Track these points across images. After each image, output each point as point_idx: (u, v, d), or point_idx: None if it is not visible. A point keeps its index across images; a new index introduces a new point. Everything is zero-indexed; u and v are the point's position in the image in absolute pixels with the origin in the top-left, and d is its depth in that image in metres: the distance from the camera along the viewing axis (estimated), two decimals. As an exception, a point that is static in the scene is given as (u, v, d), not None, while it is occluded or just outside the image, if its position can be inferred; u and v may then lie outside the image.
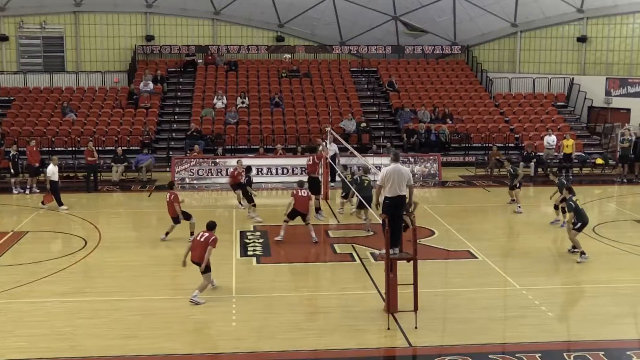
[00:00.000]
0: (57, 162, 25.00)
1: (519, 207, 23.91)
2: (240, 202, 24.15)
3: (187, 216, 20.15)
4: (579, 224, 18.35)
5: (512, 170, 24.60)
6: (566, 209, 19.02)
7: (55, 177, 24.27)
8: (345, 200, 23.08)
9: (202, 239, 15.40)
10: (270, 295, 15.85)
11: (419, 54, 41.10)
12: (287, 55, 38.38)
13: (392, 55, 41.24)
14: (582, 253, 18.19)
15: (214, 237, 15.41)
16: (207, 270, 15.29)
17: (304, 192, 19.84)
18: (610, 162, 31.40)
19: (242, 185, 23.48)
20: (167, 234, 20.08)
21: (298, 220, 19.88)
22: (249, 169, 24.15)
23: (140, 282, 16.56)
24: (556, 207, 21.88)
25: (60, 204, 24.16)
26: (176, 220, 20.07)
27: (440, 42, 41.25)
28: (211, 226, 15.73)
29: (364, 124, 33.62)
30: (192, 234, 19.76)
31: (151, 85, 36.32)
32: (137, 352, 12.64)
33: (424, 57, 41.28)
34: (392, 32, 41.11)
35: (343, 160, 27.71)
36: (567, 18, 38.45)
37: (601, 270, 17.80)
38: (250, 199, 22.85)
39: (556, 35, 39.18)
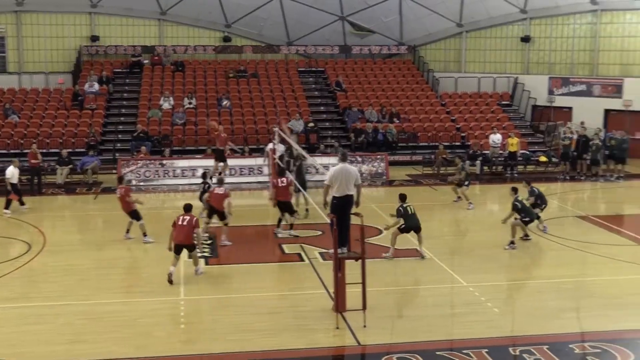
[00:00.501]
0: (18, 164, 24.65)
1: (470, 203, 24.27)
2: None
3: (137, 216, 19.93)
4: (527, 219, 19.25)
5: (462, 167, 24.98)
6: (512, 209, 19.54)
7: (15, 180, 23.96)
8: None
9: (185, 223, 16.44)
10: (219, 297, 15.80)
11: (366, 54, 41.32)
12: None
13: (340, 55, 41.39)
14: (512, 242, 18.91)
15: (195, 218, 16.69)
16: (194, 248, 16.69)
17: (221, 190, 19.68)
18: (554, 159, 31.98)
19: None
20: (128, 231, 19.86)
21: (248, 221, 19.83)
22: (204, 175, 23.41)
23: (87, 286, 16.33)
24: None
25: (22, 203, 24.04)
26: (134, 215, 19.77)
27: (387, 42, 41.53)
28: (189, 208, 16.91)
29: (311, 124, 33.68)
30: (144, 234, 19.62)
31: (96, 86, 35.84)
32: (84, 357, 12.47)
33: (371, 57, 41.52)
34: (339, 32, 41.26)
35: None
36: (511, 18, 39.06)
37: (545, 266, 18.17)
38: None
39: (500, 35, 39.77)
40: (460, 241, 21.38)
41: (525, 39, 38.61)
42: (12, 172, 23.95)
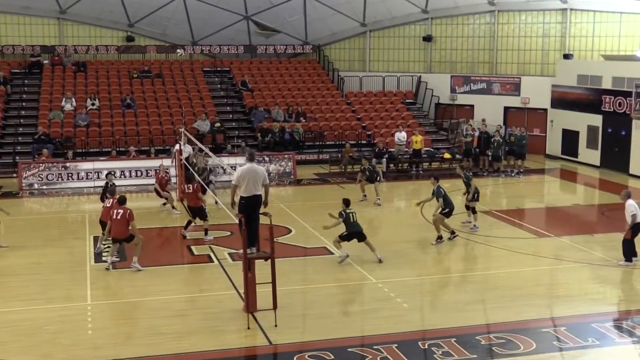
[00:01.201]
0: None
1: (379, 199, 24.69)
2: (173, 206, 23.63)
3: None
4: (447, 210, 19.52)
5: (372, 167, 25.40)
6: (435, 196, 19.79)
7: None
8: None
9: (119, 217, 16.78)
10: (127, 301, 15.55)
11: (271, 53, 41.33)
12: (180, 51, 36.58)
13: (245, 55, 41.26)
14: (440, 237, 19.32)
15: (129, 210, 16.96)
16: (132, 238, 16.98)
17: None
18: (457, 156, 32.73)
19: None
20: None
21: (156, 223, 19.56)
22: (108, 174, 23.01)
23: (-13, 294, 15.80)
24: (467, 208, 21.66)
25: None
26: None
27: (292, 42, 41.63)
28: (123, 200, 17.18)
29: (218, 124, 33.45)
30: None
31: (-7, 87, 34.66)
32: (-13, 367, 12.10)
33: (277, 57, 41.55)
34: (244, 31, 41.12)
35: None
36: (413, 18, 39.76)
37: (451, 261, 18.62)
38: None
39: (403, 35, 40.44)
40: (369, 238, 21.58)
41: (427, 39, 39.39)
42: None
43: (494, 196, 28.04)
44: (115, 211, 17.01)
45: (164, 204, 24.11)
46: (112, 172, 24.47)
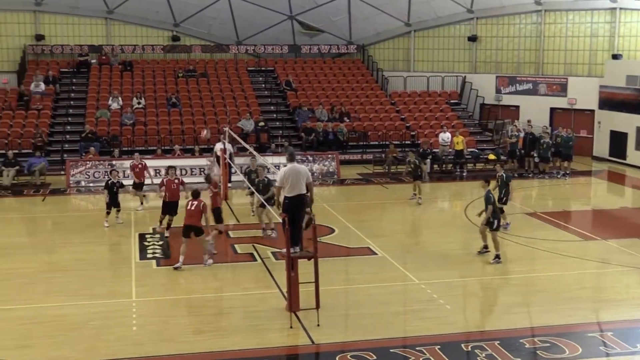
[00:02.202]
0: None
1: (415, 194, 24.54)
2: (141, 202, 23.92)
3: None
4: (495, 222, 18.19)
5: (417, 161, 25.09)
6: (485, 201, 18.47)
7: None
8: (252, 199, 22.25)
9: (193, 208, 17.31)
10: (171, 298, 15.68)
11: (316, 53, 41.37)
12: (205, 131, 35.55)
13: (289, 55, 41.35)
14: (485, 246, 18.58)
15: (203, 202, 17.53)
16: (202, 232, 17.47)
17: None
18: (502, 157, 32.40)
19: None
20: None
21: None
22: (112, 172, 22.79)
23: (35, 289, 16.06)
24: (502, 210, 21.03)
25: None
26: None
27: (336, 42, 41.63)
28: (197, 194, 17.67)
29: (262, 124, 33.58)
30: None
31: (43, 86, 35.21)
32: (33, 361, 12.29)
33: (321, 57, 41.58)
34: (288, 31, 41.23)
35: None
36: (458, 18, 39.48)
37: (495, 263, 18.37)
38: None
39: (448, 35, 40.17)
40: (412, 239, 21.54)
41: (472, 39, 39.07)
42: None
43: (539, 198, 27.70)
44: (190, 202, 17.49)
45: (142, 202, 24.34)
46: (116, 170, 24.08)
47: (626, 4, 34.71)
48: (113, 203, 21.58)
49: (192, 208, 17.46)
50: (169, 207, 20.47)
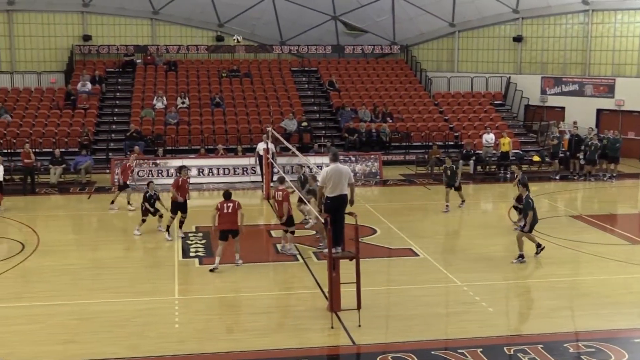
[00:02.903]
0: (1, 162, 24.79)
1: (462, 202, 24.19)
2: (129, 202, 24.13)
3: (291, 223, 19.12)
4: (530, 226, 18.07)
5: (454, 167, 24.25)
6: (524, 207, 18.41)
7: (0, 177, 24.06)
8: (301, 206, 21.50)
9: (230, 210, 17.22)
10: (213, 297, 15.77)
11: (359, 53, 41.32)
12: (236, 37, 35.90)
13: (332, 55, 41.37)
14: (521, 256, 18.12)
15: (237, 201, 17.41)
16: (238, 234, 17.40)
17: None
18: (547, 159, 32.02)
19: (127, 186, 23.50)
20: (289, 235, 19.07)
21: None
22: (149, 183, 21.82)
23: (80, 286, 16.28)
24: (516, 209, 21.40)
25: None
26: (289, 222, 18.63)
27: (379, 42, 41.53)
28: (229, 195, 17.70)
29: (305, 124, 33.65)
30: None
31: (89, 85, 35.74)
32: (77, 357, 12.42)
33: (364, 57, 41.52)
34: (331, 31, 41.25)
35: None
36: (503, 18, 39.11)
37: (539, 265, 18.17)
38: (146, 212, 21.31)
39: (493, 35, 39.83)
40: (454, 240, 21.40)
41: (518, 39, 38.68)
42: None
43: (584, 200, 27.31)
44: (225, 205, 17.38)
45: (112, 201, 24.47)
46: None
47: (677, 3, 34.10)
48: (152, 213, 20.97)
49: (229, 211, 17.24)
50: (182, 207, 20.38)
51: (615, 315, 14.39)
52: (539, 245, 18.40)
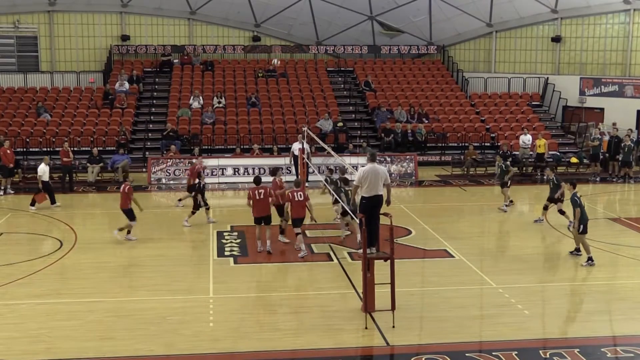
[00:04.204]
0: (48, 161, 25.25)
1: (506, 205, 24.04)
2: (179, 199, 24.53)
3: (131, 216, 20.01)
4: (581, 226, 17.84)
5: (504, 166, 24.35)
6: (572, 205, 18.15)
7: (46, 177, 24.51)
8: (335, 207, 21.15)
9: (262, 196, 17.82)
10: (248, 296, 15.83)
11: (395, 53, 41.21)
12: (275, 60, 35.99)
13: (368, 55, 41.32)
14: (589, 258, 17.86)
15: (267, 187, 18.13)
16: (270, 221, 18.19)
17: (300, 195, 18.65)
18: (585, 161, 31.66)
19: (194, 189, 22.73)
20: (127, 231, 20.04)
21: (276, 220, 19.80)
22: (198, 175, 22.49)
23: (117, 283, 16.47)
24: (545, 208, 22.00)
25: (53, 202, 24.41)
26: (129, 214, 19.92)
27: (416, 42, 41.39)
28: (259, 180, 18.41)
29: (340, 124, 33.64)
30: (128, 232, 20.06)
31: (127, 85, 36.12)
32: (113, 353, 12.57)
33: (400, 57, 41.41)
34: (368, 31, 41.20)
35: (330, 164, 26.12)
36: (542, 18, 38.74)
37: (575, 269, 17.96)
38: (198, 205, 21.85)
39: (531, 35, 39.47)
40: (490, 242, 21.24)
41: (556, 39, 38.28)
42: (43, 170, 24.34)
43: (623, 203, 26.96)
44: (257, 191, 17.91)
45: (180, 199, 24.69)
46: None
47: None
48: (204, 204, 21.75)
49: (262, 197, 17.85)
50: (201, 190, 21.61)
51: (654, 320, 14.18)
52: (577, 250, 18.31)
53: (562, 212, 21.40)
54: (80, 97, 36.11)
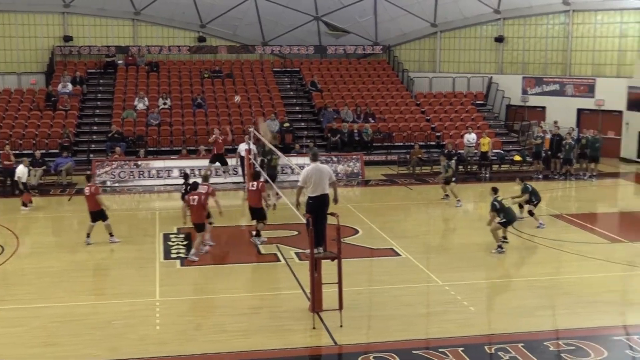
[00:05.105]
0: (27, 163, 25.20)
1: (459, 200, 24.52)
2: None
3: (104, 216, 19.80)
4: (504, 220, 18.99)
5: (447, 164, 25.14)
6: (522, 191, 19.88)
7: (25, 178, 24.42)
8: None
9: (195, 203, 17.63)
10: (195, 298, 15.75)
11: (341, 53, 41.36)
12: (237, 98, 35.07)
13: (315, 55, 41.39)
14: (499, 246, 18.83)
15: (204, 195, 17.95)
16: (201, 229, 17.77)
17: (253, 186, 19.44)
18: (528, 159, 32.20)
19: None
20: (88, 235, 19.70)
21: (223, 222, 19.75)
22: (186, 176, 22.55)
23: (61, 288, 16.20)
24: (521, 206, 22.30)
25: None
26: (101, 215, 19.75)
27: (361, 42, 41.59)
28: (196, 186, 18.48)
29: (287, 124, 33.64)
30: (111, 235, 19.52)
31: (70, 86, 35.56)
32: (59, 359, 12.37)
33: (346, 57, 41.57)
34: (314, 32, 41.27)
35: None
36: (485, 18, 39.29)
37: (520, 265, 18.31)
38: None
39: (474, 35, 40.00)
40: (436, 240, 21.46)
41: (499, 39, 38.86)
42: (22, 171, 24.42)
43: (565, 200, 27.51)
44: (191, 197, 17.93)
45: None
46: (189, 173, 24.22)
47: (655, 4, 34.39)
48: None
49: (195, 204, 17.86)
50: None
51: (594, 314, 14.50)
52: (505, 238, 19.30)
53: (531, 213, 21.73)
54: (22, 98, 35.43)
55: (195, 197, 18.08)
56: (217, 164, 28.10)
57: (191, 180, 20.62)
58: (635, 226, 22.80)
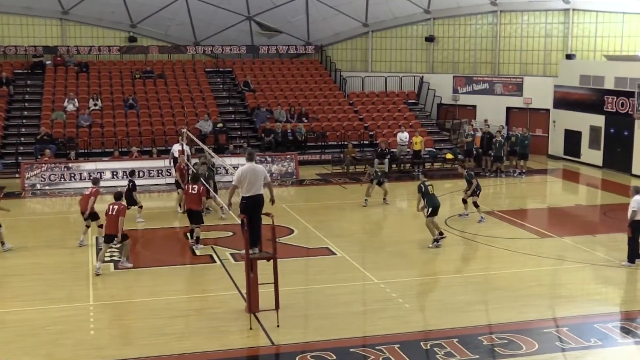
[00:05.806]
0: None
1: (385, 199, 24.99)
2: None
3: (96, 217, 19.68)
4: (429, 209, 19.23)
5: (377, 171, 25.65)
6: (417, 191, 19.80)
7: None
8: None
9: (114, 212, 17.14)
10: (130, 301, 15.56)
11: (274, 53, 41.33)
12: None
13: (247, 55, 41.26)
14: (436, 240, 19.17)
15: (122, 206, 17.46)
16: (124, 238, 17.31)
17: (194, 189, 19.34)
18: (460, 157, 32.70)
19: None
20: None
21: (157, 223, 19.56)
22: (132, 172, 22.95)
23: (-10, 295, 15.83)
24: (464, 202, 22.77)
25: None
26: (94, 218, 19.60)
27: (294, 42, 41.64)
28: (119, 195, 17.92)
29: (220, 125, 33.46)
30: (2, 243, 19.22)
31: (-4, 88, 34.70)
32: (-11, 367, 12.12)
33: (279, 57, 41.56)
34: (246, 32, 41.14)
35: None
36: (416, 18, 39.76)
37: (453, 261, 18.60)
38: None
39: (406, 35, 40.44)
40: (371, 239, 21.63)
41: (430, 39, 39.38)
42: None
43: (495, 196, 28.04)
44: (111, 207, 17.41)
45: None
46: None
47: (579, 5, 35.33)
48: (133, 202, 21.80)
49: (113, 213, 17.34)
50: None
51: (525, 307, 14.85)
52: (441, 233, 19.44)
53: (476, 205, 22.28)
54: (-54, 100, 34.44)
55: (195, 187, 19.07)
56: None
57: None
58: (563, 221, 23.40)
